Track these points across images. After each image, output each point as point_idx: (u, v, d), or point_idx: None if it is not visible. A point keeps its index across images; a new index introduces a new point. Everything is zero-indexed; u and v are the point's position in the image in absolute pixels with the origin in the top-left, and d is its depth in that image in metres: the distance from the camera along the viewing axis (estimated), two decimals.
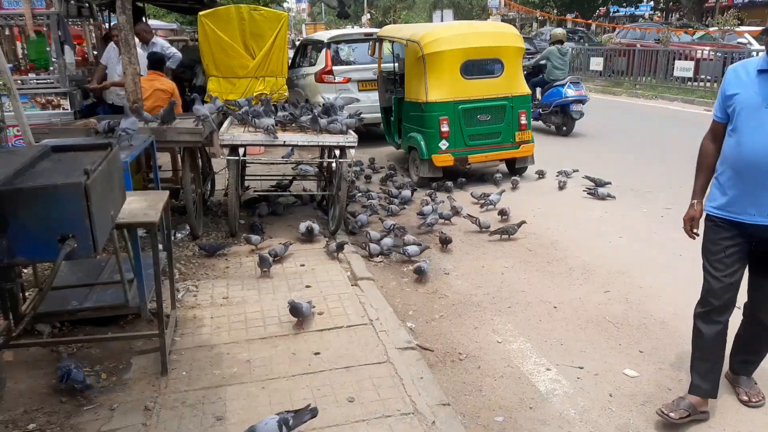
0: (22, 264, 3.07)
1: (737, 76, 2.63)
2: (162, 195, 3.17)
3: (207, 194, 6.07)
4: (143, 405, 2.82)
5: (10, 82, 4.33)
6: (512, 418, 2.90)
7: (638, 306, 4.03)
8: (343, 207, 5.23)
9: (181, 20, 20.67)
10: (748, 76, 2.59)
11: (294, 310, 3.56)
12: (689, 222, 2.85)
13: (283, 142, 5.12)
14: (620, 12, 34.78)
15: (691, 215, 2.84)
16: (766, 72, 2.53)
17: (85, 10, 8.33)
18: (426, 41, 6.81)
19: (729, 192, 2.66)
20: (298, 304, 3.55)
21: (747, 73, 2.60)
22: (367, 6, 44.55)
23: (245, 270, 4.50)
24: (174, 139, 4.83)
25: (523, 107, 7.17)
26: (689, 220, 2.85)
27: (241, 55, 8.34)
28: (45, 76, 6.50)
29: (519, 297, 4.22)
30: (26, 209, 2.08)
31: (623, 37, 21.13)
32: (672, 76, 15.41)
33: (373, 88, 9.10)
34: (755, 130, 2.52)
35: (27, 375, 3.06)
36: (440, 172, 7.03)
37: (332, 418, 2.71)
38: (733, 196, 2.64)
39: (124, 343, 3.38)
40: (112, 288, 3.35)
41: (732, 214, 2.66)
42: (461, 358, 3.44)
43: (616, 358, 3.41)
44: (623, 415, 2.91)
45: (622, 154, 8.46)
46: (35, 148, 2.86)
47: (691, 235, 2.87)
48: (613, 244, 5.17)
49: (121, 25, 5.31)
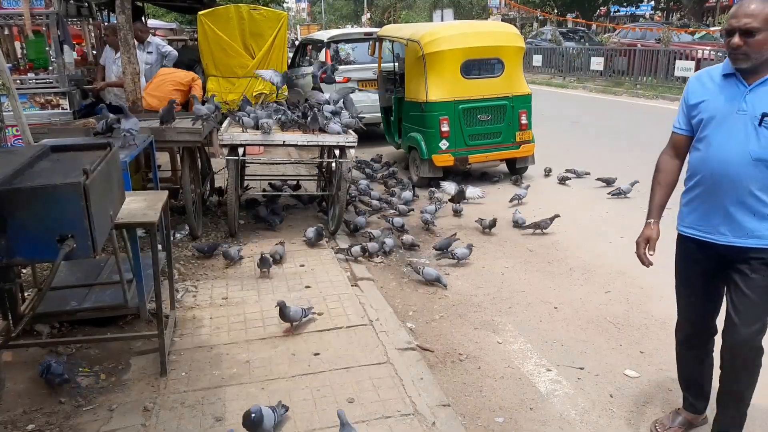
0: (21, 264, 3.07)
1: (701, 84, 2.39)
2: (161, 195, 3.16)
3: (206, 194, 6.06)
4: (142, 405, 2.81)
5: (9, 81, 4.32)
6: (513, 418, 2.90)
7: (639, 306, 4.02)
8: (343, 207, 5.22)
9: (180, 20, 20.66)
10: (712, 82, 2.35)
11: (282, 313, 3.46)
12: (643, 244, 2.54)
13: (283, 141, 5.11)
14: (621, 12, 34.77)
15: (646, 236, 2.54)
16: (732, 76, 2.29)
17: (84, 10, 8.31)
18: (426, 41, 6.80)
19: (699, 209, 2.41)
20: (286, 308, 3.46)
21: (711, 79, 2.37)
22: (367, 6, 44.55)
23: (244, 270, 4.49)
24: (173, 138, 4.82)
25: (524, 107, 7.16)
26: (643, 241, 2.54)
27: (240, 55, 8.31)
28: (44, 76, 6.49)
29: (519, 297, 4.21)
30: (25, 209, 2.08)
31: (624, 37, 21.13)
32: (673, 75, 15.40)
33: (373, 87, 9.09)
34: (726, 139, 2.27)
35: (26, 375, 3.05)
36: (440, 172, 7.02)
37: (332, 419, 2.70)
38: (703, 214, 2.39)
39: (123, 343, 3.37)
40: (111, 288, 3.34)
41: (702, 233, 2.41)
42: (461, 359, 3.43)
43: (617, 359, 3.40)
44: (624, 415, 2.90)
45: (623, 154, 8.45)
46: (34, 147, 2.85)
47: (643, 260, 2.55)
48: (613, 244, 5.16)
49: (120, 24, 5.31)
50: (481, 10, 39.90)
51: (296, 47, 11.80)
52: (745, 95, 2.24)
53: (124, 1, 5.26)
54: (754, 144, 2.21)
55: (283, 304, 3.49)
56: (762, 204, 2.25)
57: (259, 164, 7.24)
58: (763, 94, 2.21)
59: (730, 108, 2.26)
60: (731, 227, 2.31)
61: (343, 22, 48.89)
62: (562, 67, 20.36)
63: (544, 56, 21.56)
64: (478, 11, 39.74)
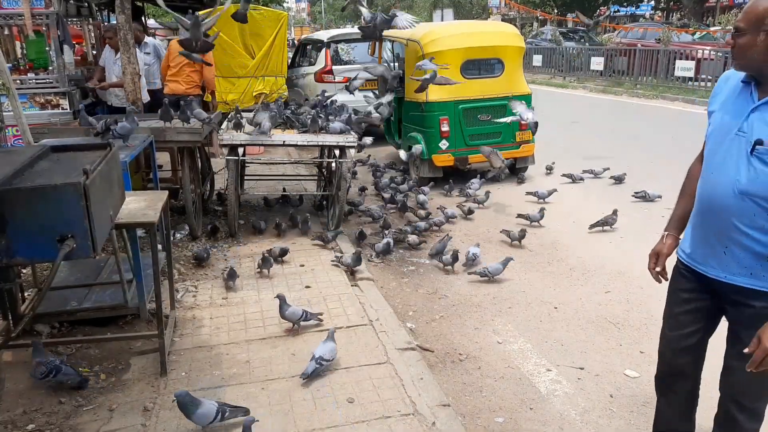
0: (21, 264, 3.07)
1: (724, 85, 2.06)
2: (161, 195, 3.16)
3: (206, 194, 6.06)
4: (142, 405, 2.81)
5: (9, 81, 4.33)
6: (513, 419, 2.90)
7: (639, 306, 4.02)
8: (343, 207, 5.22)
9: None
10: (732, 87, 2.01)
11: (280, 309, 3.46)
12: (653, 258, 2.26)
13: (283, 142, 5.10)
14: (621, 12, 34.76)
15: (656, 250, 2.25)
16: (748, 84, 1.93)
17: (84, 10, 8.32)
18: (426, 41, 6.80)
19: (694, 235, 2.12)
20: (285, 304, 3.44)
21: (732, 83, 2.02)
22: (367, 6, 44.51)
23: (245, 270, 4.49)
24: (173, 138, 4.82)
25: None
26: (653, 255, 2.26)
27: (240, 55, 8.34)
28: (44, 76, 6.50)
29: (519, 297, 4.21)
30: (25, 209, 2.08)
31: (624, 37, 21.13)
32: (673, 75, 15.40)
33: (373, 87, 9.09)
34: (721, 162, 1.95)
35: (26, 375, 3.04)
36: (440, 172, 7.02)
37: (332, 419, 2.70)
38: (698, 241, 2.10)
39: (123, 343, 3.37)
40: (111, 288, 3.35)
41: (694, 263, 2.12)
42: (461, 359, 3.43)
43: (617, 359, 3.40)
44: (624, 415, 2.90)
45: (623, 154, 8.44)
46: (34, 147, 2.85)
47: (654, 275, 2.26)
48: (613, 244, 5.17)
49: (120, 24, 5.31)
50: (481, 10, 39.89)
51: (296, 47, 11.80)
52: (750, 113, 1.90)
53: (124, 1, 5.26)
54: (743, 174, 1.88)
55: (283, 298, 3.48)
56: (756, 242, 1.91)
57: (259, 164, 7.24)
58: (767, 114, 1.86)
59: (732, 125, 1.94)
60: (720, 261, 2.01)
61: (343, 22, 48.85)
62: (562, 67, 20.37)
63: (544, 56, 21.57)
64: (478, 11, 39.73)
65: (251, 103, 8.02)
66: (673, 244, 2.24)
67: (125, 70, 5.46)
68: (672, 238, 2.24)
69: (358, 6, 6.15)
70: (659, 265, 2.25)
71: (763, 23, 1.78)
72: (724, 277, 2.01)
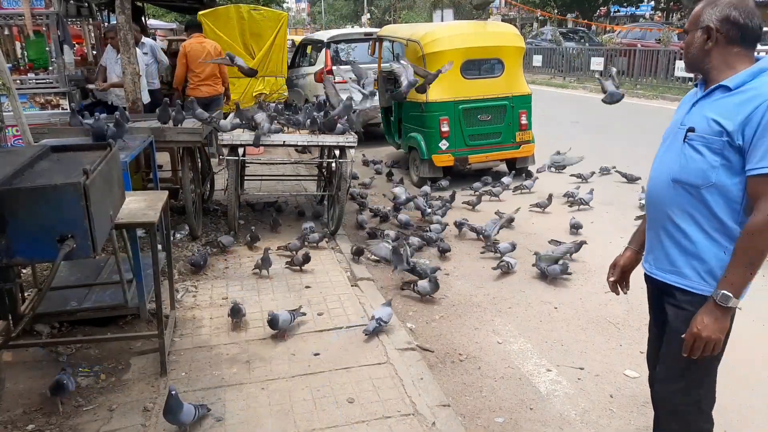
0: (21, 264, 3.06)
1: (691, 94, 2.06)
2: (161, 195, 3.16)
3: (206, 194, 6.06)
4: (142, 406, 2.81)
5: (10, 81, 4.33)
6: (512, 419, 2.90)
7: (639, 306, 4.01)
8: (344, 207, 5.22)
9: (180, 20, 20.67)
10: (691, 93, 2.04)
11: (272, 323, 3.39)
12: (610, 269, 2.31)
13: (283, 142, 5.10)
14: (621, 12, 34.76)
15: (614, 262, 2.31)
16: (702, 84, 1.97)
17: (84, 10, 8.33)
18: (426, 41, 6.80)
19: (647, 237, 2.13)
20: (275, 316, 3.38)
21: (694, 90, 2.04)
22: (367, 6, 44.56)
23: (245, 270, 4.49)
24: (173, 138, 4.82)
25: (524, 107, 7.16)
26: (611, 266, 2.31)
27: (240, 55, 8.33)
28: (44, 76, 6.50)
29: (519, 297, 4.21)
30: (25, 209, 2.08)
31: (624, 37, 21.14)
32: (673, 76, 15.42)
33: (373, 87, 9.08)
34: (662, 157, 2.01)
35: (26, 375, 3.05)
36: (440, 173, 7.02)
37: (332, 419, 2.70)
38: (648, 243, 2.11)
39: (123, 343, 3.37)
40: (111, 288, 3.34)
41: (646, 264, 2.12)
42: (461, 359, 3.43)
43: (617, 359, 3.40)
44: (624, 416, 2.90)
45: (623, 154, 8.44)
46: (34, 148, 2.85)
47: (610, 285, 2.32)
48: (613, 244, 5.15)
49: (120, 24, 5.32)
50: (481, 11, 39.85)
51: (296, 47, 11.81)
52: (692, 106, 1.95)
53: (124, 1, 5.26)
54: (677, 162, 1.92)
55: (275, 317, 3.37)
56: (682, 234, 1.92)
57: (259, 164, 7.24)
58: (704, 105, 1.89)
59: (677, 120, 1.99)
60: (655, 255, 2.04)
61: (343, 22, 48.88)
62: (562, 67, 20.38)
63: (544, 56, 21.58)
64: (479, 12, 39.69)
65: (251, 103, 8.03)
66: (632, 256, 2.27)
67: (125, 70, 5.46)
68: (630, 251, 2.27)
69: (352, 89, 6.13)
70: (614, 275, 2.29)
71: (700, 21, 1.88)
72: (656, 274, 2.04)
